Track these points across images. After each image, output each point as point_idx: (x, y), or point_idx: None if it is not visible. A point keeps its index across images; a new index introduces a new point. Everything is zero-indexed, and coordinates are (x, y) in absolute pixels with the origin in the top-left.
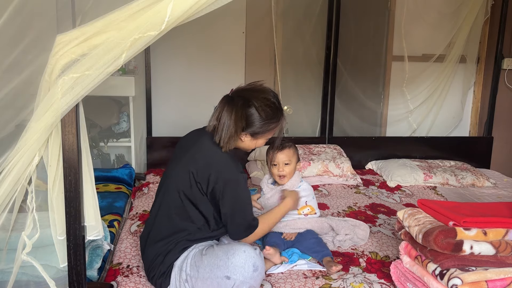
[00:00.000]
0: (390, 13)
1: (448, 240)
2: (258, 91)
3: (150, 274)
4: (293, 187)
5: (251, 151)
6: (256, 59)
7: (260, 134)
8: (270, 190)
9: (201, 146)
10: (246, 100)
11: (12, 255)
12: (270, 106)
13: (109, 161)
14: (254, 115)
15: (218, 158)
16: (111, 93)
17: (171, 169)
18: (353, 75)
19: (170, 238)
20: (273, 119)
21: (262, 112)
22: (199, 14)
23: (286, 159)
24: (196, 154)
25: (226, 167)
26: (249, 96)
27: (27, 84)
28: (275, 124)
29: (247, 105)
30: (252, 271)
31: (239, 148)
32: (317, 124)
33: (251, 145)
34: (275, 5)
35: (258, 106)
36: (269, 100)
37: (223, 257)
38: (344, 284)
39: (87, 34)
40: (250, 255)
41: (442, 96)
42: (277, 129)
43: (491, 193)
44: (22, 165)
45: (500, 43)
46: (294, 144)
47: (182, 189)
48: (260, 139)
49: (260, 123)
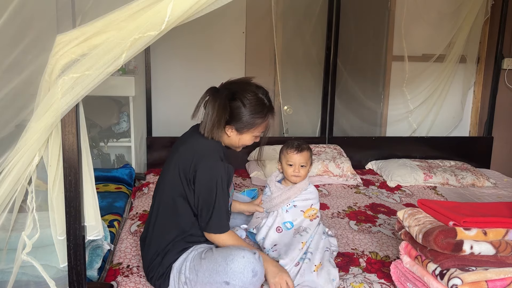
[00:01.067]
0: (390, 13)
1: (448, 240)
2: (245, 84)
3: (149, 275)
4: (301, 189)
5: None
6: (256, 59)
7: (245, 129)
8: (277, 190)
9: (187, 140)
10: (232, 93)
11: (12, 255)
12: (256, 101)
13: (109, 161)
14: (240, 108)
15: (200, 147)
16: (111, 93)
17: (164, 169)
18: (353, 75)
19: (167, 238)
20: (258, 114)
21: (247, 105)
22: (199, 14)
23: (303, 161)
24: (181, 147)
25: (206, 152)
26: (236, 88)
27: (27, 84)
28: (261, 119)
29: (232, 97)
30: (251, 276)
31: (226, 145)
32: (317, 124)
33: (236, 140)
34: (275, 5)
35: (243, 99)
36: (256, 94)
37: (222, 262)
38: (344, 284)
39: (87, 34)
40: (249, 260)
41: (442, 96)
42: (264, 126)
43: (491, 193)
44: (22, 165)
45: (500, 43)
46: (309, 147)
47: (172, 186)
48: (245, 134)
49: (245, 117)
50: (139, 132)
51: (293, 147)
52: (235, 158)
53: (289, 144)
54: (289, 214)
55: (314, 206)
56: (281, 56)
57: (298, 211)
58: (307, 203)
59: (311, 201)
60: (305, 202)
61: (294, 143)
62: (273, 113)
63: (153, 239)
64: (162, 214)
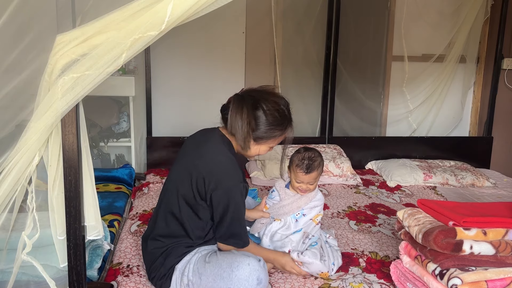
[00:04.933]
0: (390, 13)
1: (448, 240)
2: (269, 94)
3: (151, 275)
4: (311, 197)
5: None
6: (256, 59)
7: (264, 139)
8: (288, 197)
9: (203, 150)
10: (256, 101)
11: (12, 255)
12: (278, 111)
13: (109, 161)
14: (261, 117)
15: (219, 166)
16: (111, 93)
17: (174, 170)
18: (353, 75)
19: (170, 239)
20: (279, 126)
21: (269, 116)
22: (199, 14)
23: (312, 180)
24: (198, 159)
25: (226, 175)
26: (259, 97)
27: (27, 84)
28: (280, 131)
29: (255, 106)
30: (256, 284)
31: (240, 153)
32: (317, 124)
33: (253, 150)
34: (275, 5)
35: (266, 109)
36: (279, 105)
37: (227, 269)
38: (344, 284)
39: (87, 34)
40: (255, 268)
41: (442, 96)
42: (282, 138)
43: (491, 193)
44: (22, 165)
45: (500, 43)
46: (321, 157)
47: (181, 192)
48: (262, 145)
49: (265, 127)
50: (139, 132)
51: (302, 168)
52: None
53: (299, 159)
54: (299, 224)
55: (319, 212)
56: (281, 56)
57: (307, 219)
58: (315, 211)
59: (318, 208)
60: (314, 210)
61: (304, 161)
62: (292, 125)
63: (156, 239)
64: (166, 216)
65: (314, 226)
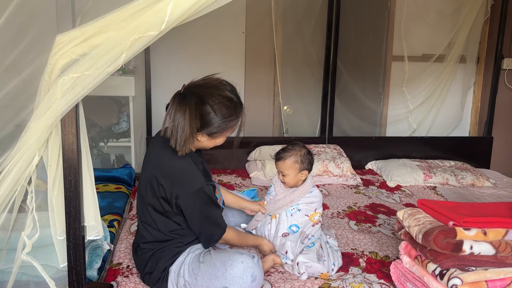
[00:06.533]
0: (390, 13)
1: (448, 240)
2: (212, 87)
3: (145, 280)
4: (305, 192)
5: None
6: (256, 59)
7: (218, 133)
8: (282, 191)
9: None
10: (200, 98)
11: (12, 255)
12: (226, 103)
13: (109, 161)
14: (210, 114)
15: (178, 173)
16: (111, 93)
17: (140, 181)
18: (353, 75)
19: (156, 244)
20: (231, 117)
21: (218, 111)
22: (199, 14)
23: (284, 169)
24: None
25: (186, 181)
26: (203, 93)
27: (27, 84)
28: (234, 121)
29: (201, 103)
30: (251, 281)
31: (197, 147)
32: (317, 124)
33: (209, 144)
34: (275, 5)
35: (213, 105)
36: (225, 97)
37: (221, 267)
38: (344, 284)
39: (87, 34)
40: (248, 265)
41: (442, 96)
42: (238, 125)
43: (491, 193)
44: (22, 165)
45: (500, 43)
46: (304, 148)
47: (148, 202)
48: (218, 138)
49: (217, 122)
50: (139, 132)
51: (274, 154)
52: (235, 158)
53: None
54: (294, 218)
55: (317, 210)
56: (281, 56)
57: (303, 215)
58: (311, 207)
59: (315, 204)
60: (310, 206)
61: (280, 149)
62: (243, 109)
63: (143, 247)
64: (145, 225)
65: (313, 226)
